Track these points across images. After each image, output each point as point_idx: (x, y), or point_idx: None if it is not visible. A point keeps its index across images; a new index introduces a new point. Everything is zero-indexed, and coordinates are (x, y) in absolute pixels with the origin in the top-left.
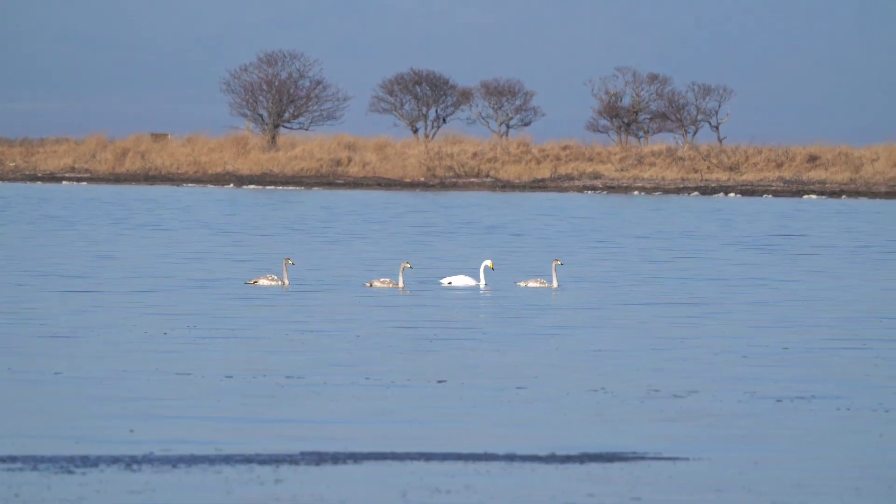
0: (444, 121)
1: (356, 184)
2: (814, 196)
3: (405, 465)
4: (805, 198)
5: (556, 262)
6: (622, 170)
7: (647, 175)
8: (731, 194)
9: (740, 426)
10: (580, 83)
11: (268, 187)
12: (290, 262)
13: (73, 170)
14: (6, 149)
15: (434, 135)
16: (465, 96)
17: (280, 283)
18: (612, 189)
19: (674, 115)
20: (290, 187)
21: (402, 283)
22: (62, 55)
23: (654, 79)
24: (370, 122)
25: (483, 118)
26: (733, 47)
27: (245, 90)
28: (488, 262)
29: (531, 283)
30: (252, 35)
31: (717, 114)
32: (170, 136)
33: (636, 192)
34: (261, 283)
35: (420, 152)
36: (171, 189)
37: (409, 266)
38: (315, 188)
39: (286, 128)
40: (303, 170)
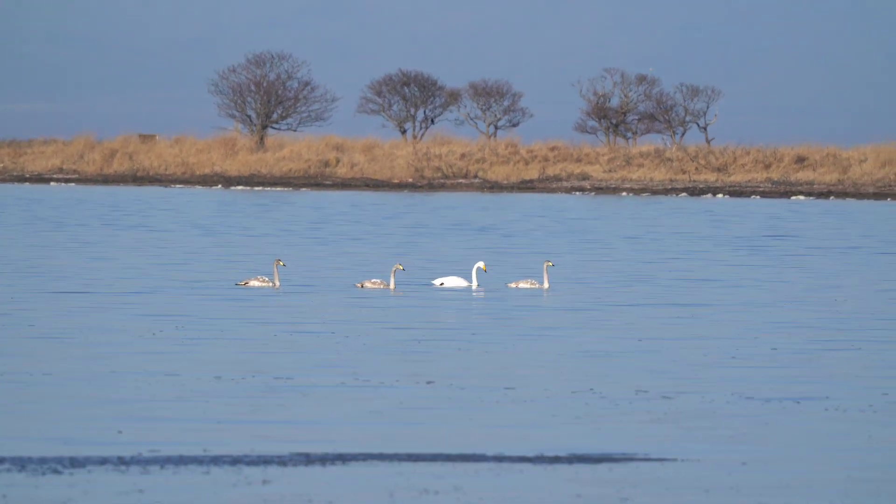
0: (433, 122)
1: (344, 185)
2: (802, 197)
3: (393, 466)
4: (793, 199)
5: (547, 263)
6: (610, 171)
7: (635, 176)
8: (720, 195)
9: (729, 427)
10: (568, 84)
11: (256, 188)
12: (281, 264)
13: (61, 171)
14: None
15: (422, 136)
16: (454, 97)
17: (271, 284)
18: (600, 190)
19: (662, 116)
20: (279, 188)
21: (393, 285)
22: (50, 56)
23: (642, 80)
24: (358, 122)
25: (471, 119)
26: (721, 49)
27: (233, 91)
28: (481, 264)
29: (522, 284)
30: (240, 36)
31: (705, 115)
32: (158, 137)
33: (624, 194)
34: (252, 284)
35: (408, 153)
36: (160, 190)
37: (401, 268)
38: (303, 189)
39: (274, 129)
40: (291, 171)
